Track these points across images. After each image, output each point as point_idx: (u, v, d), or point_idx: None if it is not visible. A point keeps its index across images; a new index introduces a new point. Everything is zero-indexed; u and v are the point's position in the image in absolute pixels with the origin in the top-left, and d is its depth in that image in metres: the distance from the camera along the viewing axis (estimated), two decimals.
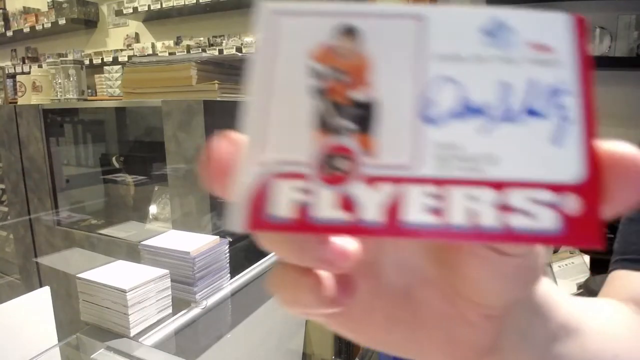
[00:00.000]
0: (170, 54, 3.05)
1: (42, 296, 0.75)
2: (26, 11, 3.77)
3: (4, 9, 3.95)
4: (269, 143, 0.13)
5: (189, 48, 3.09)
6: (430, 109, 0.13)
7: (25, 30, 3.72)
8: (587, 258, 1.16)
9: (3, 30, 3.90)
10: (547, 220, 0.13)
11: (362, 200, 0.13)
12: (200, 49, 3.04)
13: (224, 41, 2.99)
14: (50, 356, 0.74)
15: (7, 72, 3.69)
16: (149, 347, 0.75)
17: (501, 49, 0.14)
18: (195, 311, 0.87)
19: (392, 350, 0.19)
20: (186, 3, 2.89)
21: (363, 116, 0.14)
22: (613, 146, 0.13)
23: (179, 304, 0.87)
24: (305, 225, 0.13)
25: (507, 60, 0.14)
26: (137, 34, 3.48)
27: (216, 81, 1.20)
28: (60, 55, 3.70)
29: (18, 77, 1.88)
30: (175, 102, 1.21)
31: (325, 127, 0.14)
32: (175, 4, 2.94)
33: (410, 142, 0.13)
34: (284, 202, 0.13)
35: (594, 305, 0.27)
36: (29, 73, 2.13)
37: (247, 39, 2.90)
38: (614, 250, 0.38)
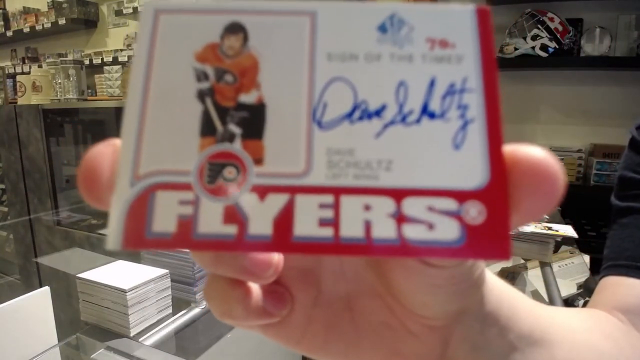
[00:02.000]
0: None
1: (42, 296, 0.75)
2: (26, 11, 3.77)
3: (4, 9, 3.95)
4: (149, 152, 0.12)
5: None
6: (322, 112, 0.13)
7: (25, 30, 3.72)
8: (587, 258, 1.16)
9: (3, 30, 3.90)
10: (446, 231, 0.12)
11: (250, 212, 0.12)
12: None
13: None
14: (50, 356, 0.74)
15: (7, 72, 3.70)
16: (149, 347, 0.75)
17: (398, 46, 0.13)
18: (195, 311, 0.87)
19: (335, 359, 0.18)
20: None
21: (252, 120, 0.12)
22: (519, 148, 0.12)
23: (179, 304, 0.87)
24: (187, 241, 0.12)
25: (404, 58, 0.13)
26: (137, 34, 3.48)
27: None
28: (60, 55, 3.70)
29: (18, 77, 1.89)
30: None
31: (211, 133, 0.12)
32: None
33: (301, 149, 0.12)
34: (167, 216, 0.12)
35: (568, 315, 0.26)
36: (29, 73, 2.13)
37: None
38: (605, 256, 0.37)
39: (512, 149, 0.12)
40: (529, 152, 0.12)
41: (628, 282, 0.34)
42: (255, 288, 0.15)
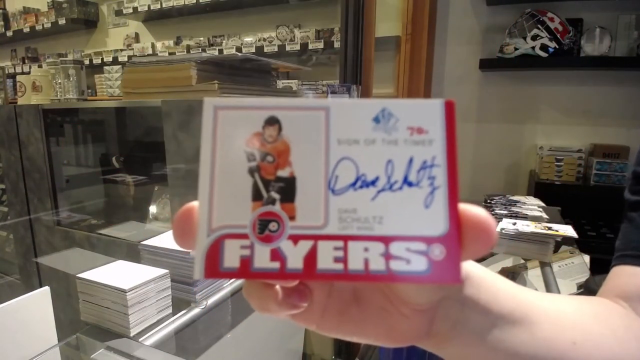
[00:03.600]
0: (170, 54, 3.05)
1: (42, 296, 0.75)
2: (26, 11, 3.77)
3: (4, 9, 3.95)
4: (218, 213, 0.18)
5: (188, 48, 3.09)
6: (335, 183, 0.18)
7: (25, 30, 3.72)
8: (587, 258, 1.15)
9: (3, 30, 3.90)
10: (419, 264, 0.17)
11: (287, 253, 0.17)
12: (200, 48, 3.04)
13: (223, 41, 2.99)
14: (50, 356, 0.74)
15: (7, 72, 3.69)
16: (149, 347, 0.75)
17: (387, 133, 0.18)
18: (195, 311, 0.87)
19: (346, 336, 0.23)
20: (186, 3, 2.89)
21: (287, 189, 0.18)
22: (469, 209, 0.18)
23: (179, 304, 0.87)
24: (247, 273, 0.17)
25: (391, 142, 0.18)
26: (137, 34, 3.48)
27: (216, 81, 1.20)
28: (60, 55, 3.70)
29: (18, 77, 1.88)
30: (175, 102, 1.21)
31: (259, 198, 0.18)
32: (175, 4, 2.94)
33: (320, 209, 0.18)
34: (232, 256, 0.17)
35: (556, 299, 0.28)
36: (29, 73, 2.13)
37: (247, 39, 2.90)
38: (616, 248, 0.39)
39: (464, 209, 0.18)
40: (475, 212, 0.18)
41: (632, 271, 0.35)
42: (285, 287, 0.20)
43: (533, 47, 1.98)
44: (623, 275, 0.36)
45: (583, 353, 0.25)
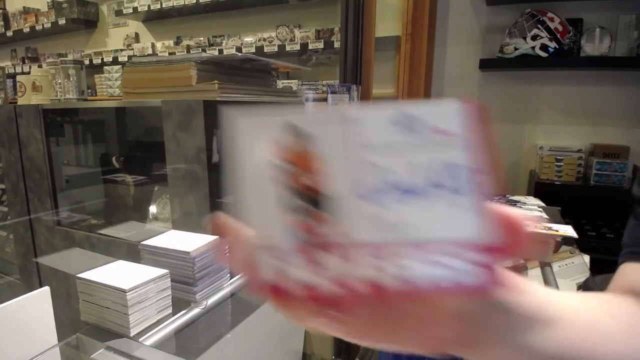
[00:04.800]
0: (170, 53, 3.05)
1: (42, 296, 0.75)
2: (26, 11, 3.77)
3: (4, 9, 3.95)
4: (250, 225, 0.18)
5: (188, 48, 3.09)
6: (361, 188, 0.17)
7: (25, 30, 3.72)
8: (587, 258, 1.15)
9: (3, 30, 3.89)
10: (455, 269, 0.17)
11: (322, 262, 0.17)
12: (200, 48, 3.03)
13: (223, 41, 2.99)
14: (50, 356, 0.74)
15: (7, 72, 3.69)
16: (149, 347, 0.75)
17: (410, 136, 0.17)
18: (195, 311, 0.87)
19: (376, 344, 0.23)
20: (186, 3, 2.89)
21: (315, 198, 0.18)
22: (505, 210, 0.17)
23: (179, 304, 0.87)
24: (283, 286, 0.18)
25: (415, 145, 0.17)
26: (137, 34, 3.48)
27: (216, 81, 1.20)
28: (60, 55, 3.70)
29: (18, 77, 1.88)
30: (175, 102, 1.21)
31: (290, 208, 0.18)
32: (175, 4, 2.94)
33: (347, 214, 0.18)
34: (267, 268, 0.18)
35: (575, 298, 0.28)
36: (29, 73, 2.13)
37: (247, 39, 2.90)
38: (623, 244, 0.39)
39: (499, 210, 0.17)
40: (511, 213, 0.17)
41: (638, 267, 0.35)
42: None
43: (533, 47, 1.98)
44: (632, 272, 0.36)
45: (605, 351, 0.25)
